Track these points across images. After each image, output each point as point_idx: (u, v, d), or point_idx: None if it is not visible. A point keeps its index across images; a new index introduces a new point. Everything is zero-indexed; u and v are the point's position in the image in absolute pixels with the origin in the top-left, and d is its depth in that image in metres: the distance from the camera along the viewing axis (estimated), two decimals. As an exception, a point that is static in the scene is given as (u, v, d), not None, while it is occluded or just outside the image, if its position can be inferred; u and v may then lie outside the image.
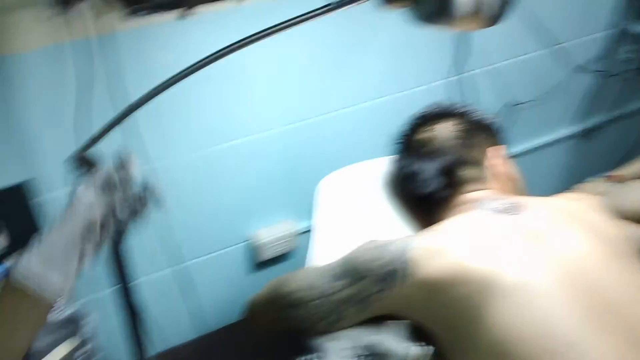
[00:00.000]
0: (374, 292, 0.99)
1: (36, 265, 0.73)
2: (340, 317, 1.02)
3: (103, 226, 0.81)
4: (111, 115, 1.28)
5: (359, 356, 0.95)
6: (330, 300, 1.01)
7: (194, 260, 1.80)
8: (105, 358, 0.96)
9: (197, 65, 0.84)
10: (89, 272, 0.84)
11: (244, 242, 1.87)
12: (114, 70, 1.34)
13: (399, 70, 1.79)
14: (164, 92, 0.86)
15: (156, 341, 1.55)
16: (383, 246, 1.01)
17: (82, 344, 0.98)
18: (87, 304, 1.07)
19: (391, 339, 0.96)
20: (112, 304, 1.23)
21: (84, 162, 0.97)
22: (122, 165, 0.85)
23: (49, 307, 0.77)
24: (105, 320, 1.43)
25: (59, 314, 1.04)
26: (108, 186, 0.82)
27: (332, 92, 1.71)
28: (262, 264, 1.92)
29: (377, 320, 1.01)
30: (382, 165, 1.38)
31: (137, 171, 0.85)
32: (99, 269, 1.17)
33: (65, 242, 0.76)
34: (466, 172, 1.16)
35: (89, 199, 0.79)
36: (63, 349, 0.97)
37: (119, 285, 1.16)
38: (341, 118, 1.77)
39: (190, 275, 1.74)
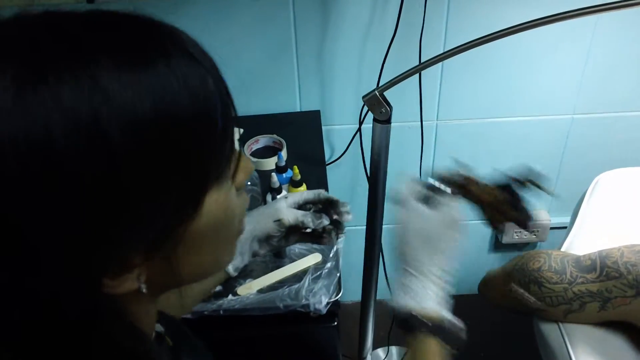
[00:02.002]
0: (625, 295, 0.93)
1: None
2: (581, 309, 0.99)
3: (282, 237, 0.88)
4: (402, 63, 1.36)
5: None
6: (577, 289, 0.98)
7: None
8: (341, 281, 1.07)
9: (508, 30, 0.85)
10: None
11: (492, 219, 1.85)
12: (434, 17, 1.41)
13: None
14: (468, 50, 0.89)
15: (385, 288, 1.66)
16: None
17: (329, 259, 1.10)
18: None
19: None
20: (360, 239, 1.35)
21: (376, 102, 1.06)
22: (330, 203, 0.90)
23: (223, 278, 0.89)
24: (349, 251, 1.56)
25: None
26: (303, 207, 0.90)
27: (638, 90, 1.57)
28: (505, 247, 1.89)
29: None
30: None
31: (345, 215, 0.90)
32: (360, 204, 1.30)
33: (245, 237, 0.85)
34: None
35: (281, 213, 0.86)
36: (317, 256, 1.10)
37: (368, 225, 1.26)
38: (633, 120, 1.62)
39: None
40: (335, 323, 1.06)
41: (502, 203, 0.71)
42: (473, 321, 1.93)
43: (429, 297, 0.70)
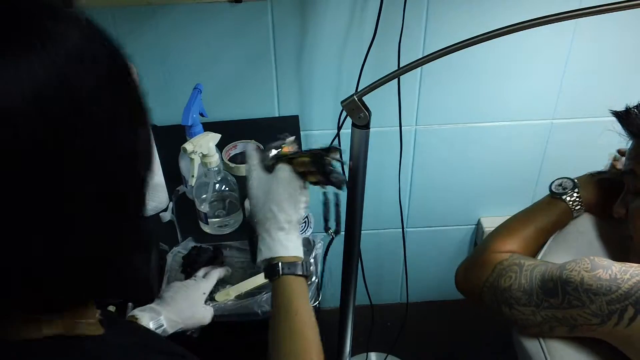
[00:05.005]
0: (590, 323, 0.92)
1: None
2: (551, 331, 0.99)
3: None
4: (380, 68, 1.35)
5: None
6: (545, 313, 0.97)
7: (417, 229, 1.85)
8: (319, 287, 1.06)
9: (486, 35, 0.85)
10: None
11: (470, 225, 1.86)
12: (413, 22, 1.41)
13: None
14: (447, 55, 0.88)
15: (363, 294, 1.65)
16: (614, 278, 0.90)
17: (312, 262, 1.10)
18: (318, 236, 1.20)
19: None
20: (339, 245, 1.33)
21: (355, 107, 1.06)
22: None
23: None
24: (328, 257, 1.55)
25: (301, 233, 1.18)
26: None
27: (617, 95, 1.58)
28: (483, 252, 1.90)
29: None
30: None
31: None
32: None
33: (185, 301, 0.98)
34: None
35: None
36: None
37: (347, 231, 1.26)
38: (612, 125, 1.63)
39: (410, 243, 1.79)
40: (314, 330, 1.05)
41: (309, 166, 0.91)
42: (453, 326, 1.94)
43: (291, 245, 0.86)
